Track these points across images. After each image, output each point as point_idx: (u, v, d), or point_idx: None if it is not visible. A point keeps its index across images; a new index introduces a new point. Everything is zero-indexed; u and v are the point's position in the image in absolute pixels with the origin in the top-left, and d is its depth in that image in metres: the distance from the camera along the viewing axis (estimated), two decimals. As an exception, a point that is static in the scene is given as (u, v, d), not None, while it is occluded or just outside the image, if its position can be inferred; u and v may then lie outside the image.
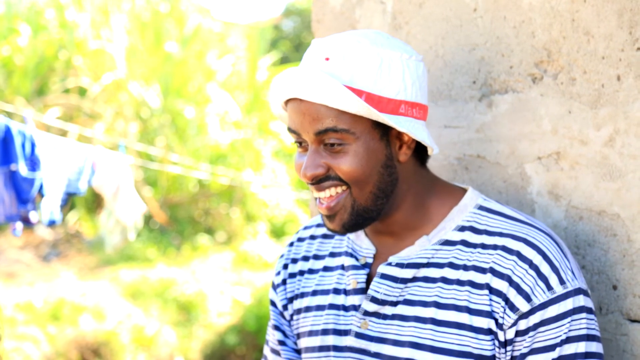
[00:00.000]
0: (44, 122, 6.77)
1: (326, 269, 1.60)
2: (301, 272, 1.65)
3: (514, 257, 1.38)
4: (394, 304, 1.45)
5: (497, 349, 1.38)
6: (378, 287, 1.46)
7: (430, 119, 1.85)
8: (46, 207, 4.24)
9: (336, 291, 1.55)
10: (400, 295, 1.45)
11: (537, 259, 1.37)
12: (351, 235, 1.57)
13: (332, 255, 1.61)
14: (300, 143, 1.44)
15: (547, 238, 1.40)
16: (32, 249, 8.77)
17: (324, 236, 1.65)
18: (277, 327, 1.69)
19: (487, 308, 1.38)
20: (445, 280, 1.42)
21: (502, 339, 1.38)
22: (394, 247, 1.50)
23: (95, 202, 9.48)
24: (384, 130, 1.41)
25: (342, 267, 1.57)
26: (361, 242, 1.56)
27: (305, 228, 1.71)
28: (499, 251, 1.40)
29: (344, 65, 1.38)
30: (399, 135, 1.43)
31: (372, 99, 1.37)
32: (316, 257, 1.64)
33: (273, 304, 1.70)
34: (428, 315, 1.42)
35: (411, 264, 1.45)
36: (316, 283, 1.60)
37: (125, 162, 5.41)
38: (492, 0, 1.72)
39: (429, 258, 1.45)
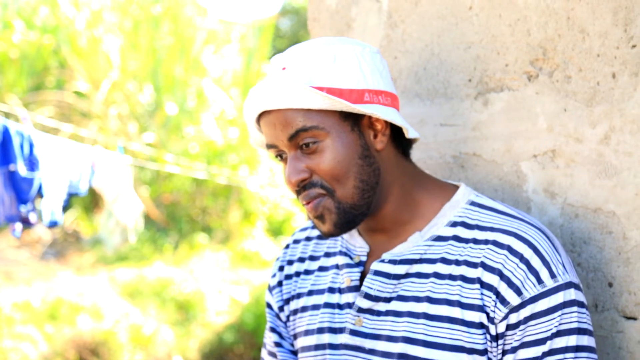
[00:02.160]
0: (39, 121, 6.76)
1: (321, 269, 1.62)
2: (297, 274, 1.67)
3: (505, 252, 1.39)
4: (388, 300, 1.47)
5: (488, 343, 1.39)
6: (371, 284, 1.48)
7: (426, 117, 1.85)
8: (47, 208, 4.23)
9: (331, 290, 1.57)
10: (394, 292, 1.47)
11: (527, 253, 1.38)
12: (345, 235, 1.59)
13: (327, 255, 1.63)
14: (281, 155, 1.46)
15: (538, 232, 1.41)
16: (30, 248, 8.77)
17: (320, 237, 1.67)
18: (273, 329, 1.71)
19: (479, 302, 1.39)
20: (437, 275, 1.44)
21: (493, 332, 1.39)
22: (387, 244, 1.51)
23: (92, 202, 9.47)
24: (354, 121, 1.42)
25: (337, 267, 1.58)
26: (355, 241, 1.57)
27: (301, 230, 1.73)
28: (490, 246, 1.41)
29: (300, 68, 1.41)
30: (371, 124, 1.44)
31: (334, 93, 1.40)
32: (312, 258, 1.66)
33: (269, 306, 1.72)
34: (421, 310, 1.43)
35: (404, 260, 1.47)
36: (312, 283, 1.62)
37: (124, 162, 5.40)
38: (487, -2, 1.72)
39: (421, 254, 1.46)
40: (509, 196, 1.71)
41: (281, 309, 1.68)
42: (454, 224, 1.47)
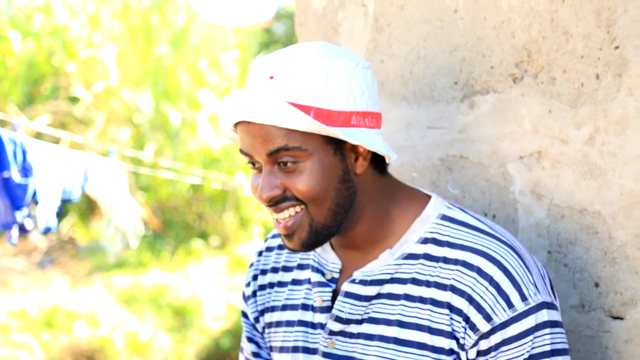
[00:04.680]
0: (36, 129, 6.77)
1: (295, 282, 1.57)
2: (271, 285, 1.62)
3: (474, 274, 1.35)
4: (359, 322, 1.43)
5: None
6: (342, 307, 1.43)
7: (413, 120, 1.86)
8: (41, 214, 4.23)
9: (304, 307, 1.53)
10: (365, 313, 1.42)
11: (497, 275, 1.34)
12: (319, 249, 1.54)
13: (300, 267, 1.58)
14: (254, 164, 1.40)
15: (508, 251, 1.36)
16: (26, 256, 8.76)
17: None
18: (250, 339, 1.68)
19: (448, 328, 1.35)
20: (408, 297, 1.39)
21: (464, 359, 1.35)
22: (360, 261, 1.46)
23: (88, 209, 9.46)
24: (337, 144, 1.36)
25: (309, 282, 1.54)
26: (327, 256, 1.52)
27: (274, 237, 1.67)
28: (459, 267, 1.36)
29: (289, 82, 1.33)
30: (354, 147, 1.38)
31: (321, 114, 1.33)
32: (285, 268, 1.61)
33: (245, 315, 1.68)
34: (391, 334, 1.39)
35: (375, 280, 1.42)
36: (285, 297, 1.57)
37: (118, 168, 5.40)
38: (472, 1, 1.73)
39: (392, 274, 1.41)
40: (496, 198, 1.72)
41: (257, 319, 1.64)
42: (425, 241, 1.41)
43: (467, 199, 1.77)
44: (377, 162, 1.44)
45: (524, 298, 1.33)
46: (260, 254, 1.67)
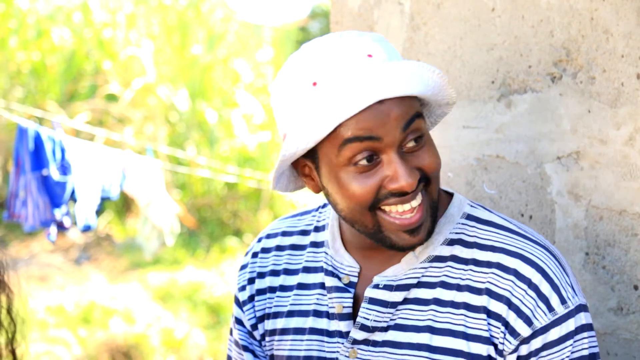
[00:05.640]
0: (74, 126, 6.84)
1: (302, 286, 1.47)
2: (271, 289, 1.51)
3: (512, 277, 1.31)
4: (385, 329, 1.36)
5: None
6: (367, 314, 1.35)
7: (449, 120, 1.84)
8: (81, 212, 4.28)
9: (317, 314, 1.43)
10: (392, 320, 1.36)
11: (536, 278, 1.30)
12: (329, 250, 1.44)
13: (307, 270, 1.47)
14: (371, 157, 1.26)
15: (544, 252, 1.33)
16: (63, 253, 8.87)
17: (293, 247, 1.51)
18: (246, 348, 1.55)
19: (486, 334, 1.31)
20: (438, 302, 1.34)
21: None
22: (380, 264, 1.38)
23: (125, 206, 9.56)
24: None
25: (322, 287, 1.44)
26: (342, 259, 1.42)
27: (269, 237, 1.56)
28: (494, 269, 1.32)
29: (389, 58, 1.28)
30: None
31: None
32: (287, 272, 1.50)
33: (239, 322, 1.56)
34: (422, 341, 1.33)
35: (401, 285, 1.35)
36: (291, 302, 1.47)
37: (156, 166, 5.45)
38: (510, -1, 1.71)
39: (418, 277, 1.35)
40: (532, 198, 1.70)
41: (254, 326, 1.53)
42: (451, 242, 1.36)
43: (503, 199, 1.76)
44: None
45: (563, 301, 1.30)
46: (255, 255, 1.55)
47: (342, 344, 1.38)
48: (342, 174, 1.28)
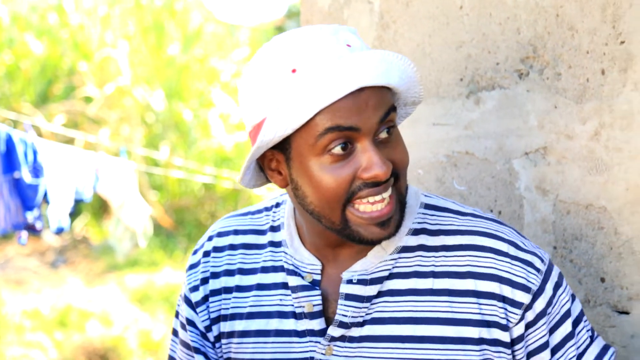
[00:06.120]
0: (49, 129, 6.80)
1: (261, 287, 1.43)
2: (227, 290, 1.46)
3: (490, 254, 1.32)
4: (361, 324, 1.34)
5: (502, 356, 1.31)
6: (345, 311, 1.33)
7: (419, 117, 1.85)
8: (53, 215, 4.26)
9: (282, 315, 1.40)
10: (367, 315, 1.34)
11: (511, 250, 1.33)
12: (288, 250, 1.41)
13: (266, 270, 1.44)
14: (346, 145, 1.25)
15: (501, 226, 1.37)
16: (39, 256, 8.81)
17: (246, 246, 1.48)
18: (197, 350, 1.49)
19: (476, 317, 1.30)
20: (415, 292, 1.33)
21: (507, 339, 1.31)
22: (343, 261, 1.37)
23: (101, 208, 9.51)
24: None
25: (284, 286, 1.41)
26: (302, 257, 1.40)
27: (220, 235, 1.51)
28: (469, 252, 1.33)
29: (365, 47, 1.29)
30: None
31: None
32: (242, 271, 1.46)
33: (191, 323, 1.49)
34: (405, 332, 1.32)
35: (374, 279, 1.34)
36: (251, 304, 1.43)
37: (129, 167, 5.43)
38: (477, -3, 1.73)
39: (389, 269, 1.35)
40: (501, 194, 1.72)
41: (208, 328, 1.47)
42: (416, 232, 1.36)
43: (473, 195, 1.77)
44: None
45: (540, 259, 1.34)
46: (207, 254, 1.50)
47: (318, 342, 1.36)
48: (315, 165, 1.26)
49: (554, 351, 1.34)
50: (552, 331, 1.33)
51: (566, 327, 1.34)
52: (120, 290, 7.61)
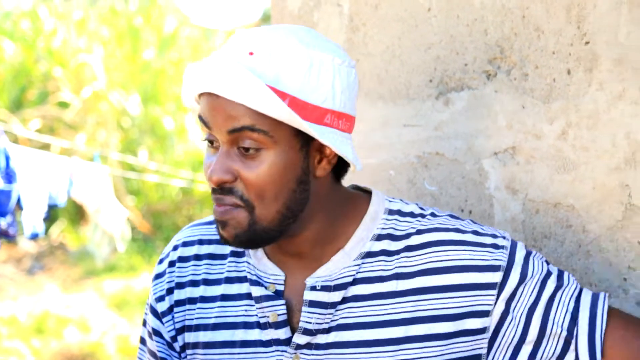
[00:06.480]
0: (24, 135, 6.75)
1: (226, 297, 1.41)
2: (191, 300, 1.44)
3: (451, 247, 1.33)
4: (327, 331, 1.34)
5: (478, 342, 1.31)
6: (309, 318, 1.33)
7: (390, 119, 1.87)
8: (27, 220, 4.23)
9: (247, 325, 1.38)
10: (333, 321, 1.34)
11: (469, 237, 1.34)
12: (251, 260, 1.40)
13: (230, 281, 1.42)
14: (211, 142, 1.28)
15: (459, 220, 1.39)
16: (15, 263, 8.74)
17: (211, 256, 1.46)
18: None
19: (449, 311, 1.31)
20: (379, 295, 1.33)
21: (486, 324, 1.31)
22: (305, 269, 1.36)
23: (78, 214, 9.45)
24: (305, 140, 1.26)
25: (248, 297, 1.39)
26: (265, 267, 1.39)
27: (185, 244, 1.49)
28: (430, 248, 1.34)
29: (270, 62, 1.23)
30: (321, 147, 1.29)
31: (297, 104, 1.22)
32: (207, 282, 1.44)
33: (157, 333, 1.47)
34: (376, 336, 1.32)
35: (338, 285, 1.33)
36: (216, 315, 1.41)
37: (103, 172, 5.41)
38: (445, -1, 1.74)
39: (353, 275, 1.34)
40: (472, 194, 1.73)
41: (174, 338, 1.46)
42: (379, 237, 1.36)
43: (443, 195, 1.78)
44: (338, 169, 1.36)
45: (502, 237, 1.36)
46: (172, 264, 1.48)
47: (284, 351, 1.35)
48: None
49: (550, 301, 1.32)
50: (539, 292, 1.32)
51: (552, 283, 1.33)
52: (98, 296, 7.57)
